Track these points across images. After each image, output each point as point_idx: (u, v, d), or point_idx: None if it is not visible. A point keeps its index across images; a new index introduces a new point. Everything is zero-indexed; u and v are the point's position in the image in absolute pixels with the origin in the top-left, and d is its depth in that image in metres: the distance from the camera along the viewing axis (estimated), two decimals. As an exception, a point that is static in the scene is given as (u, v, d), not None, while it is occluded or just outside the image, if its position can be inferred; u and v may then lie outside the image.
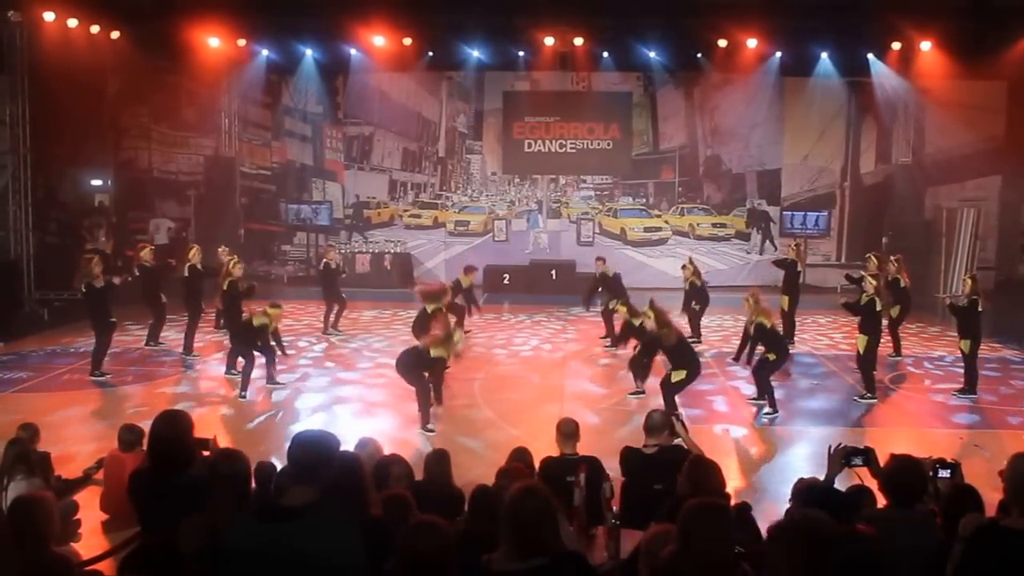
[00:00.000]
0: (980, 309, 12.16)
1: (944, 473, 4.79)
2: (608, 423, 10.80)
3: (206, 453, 4.90)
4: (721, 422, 11.20)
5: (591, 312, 16.72)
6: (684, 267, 16.10)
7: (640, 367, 12.11)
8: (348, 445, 5.30)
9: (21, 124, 17.59)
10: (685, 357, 10.83)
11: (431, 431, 10.35)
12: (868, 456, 4.85)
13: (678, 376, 10.68)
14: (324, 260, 16.89)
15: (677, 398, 10.79)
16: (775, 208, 22.78)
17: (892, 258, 15.22)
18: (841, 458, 4.85)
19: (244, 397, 11.78)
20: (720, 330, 16.69)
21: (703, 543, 3.55)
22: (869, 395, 11.94)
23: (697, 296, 15.63)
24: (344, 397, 12.16)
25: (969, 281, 12.53)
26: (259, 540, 3.56)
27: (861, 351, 12.04)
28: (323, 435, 3.92)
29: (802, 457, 9.67)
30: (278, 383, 12.38)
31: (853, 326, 13.39)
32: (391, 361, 11.29)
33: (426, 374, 10.76)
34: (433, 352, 10.74)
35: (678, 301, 15.61)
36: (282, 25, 19.79)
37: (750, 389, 12.10)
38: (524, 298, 20.20)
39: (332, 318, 16.42)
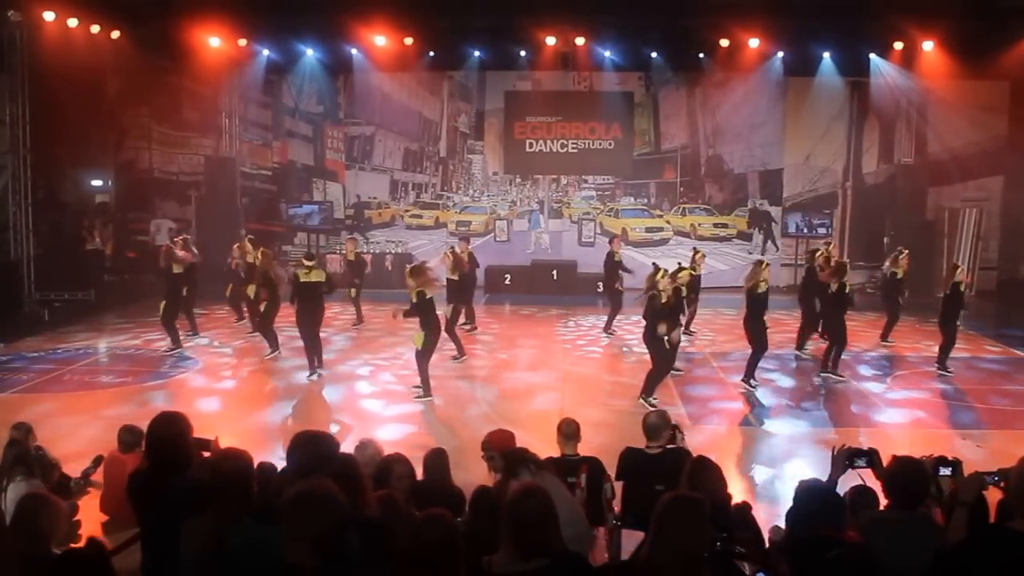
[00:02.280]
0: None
1: (945, 471, 4.75)
2: (610, 422, 10.76)
3: (206, 454, 4.87)
4: (721, 421, 11.18)
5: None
6: (697, 259, 16.00)
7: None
8: (348, 441, 5.28)
9: (21, 124, 17.58)
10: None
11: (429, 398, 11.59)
12: (871, 457, 4.81)
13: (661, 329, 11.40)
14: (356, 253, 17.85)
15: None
16: (777, 208, 22.76)
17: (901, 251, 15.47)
18: (845, 459, 4.82)
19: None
20: (720, 329, 16.67)
21: (676, 536, 3.53)
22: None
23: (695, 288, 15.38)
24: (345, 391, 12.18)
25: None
26: (258, 542, 3.53)
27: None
28: (322, 436, 3.91)
29: (805, 457, 9.64)
30: None
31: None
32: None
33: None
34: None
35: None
36: (283, 25, 19.78)
37: (751, 390, 12.13)
38: (525, 298, 20.19)
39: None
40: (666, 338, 11.52)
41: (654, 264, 12.70)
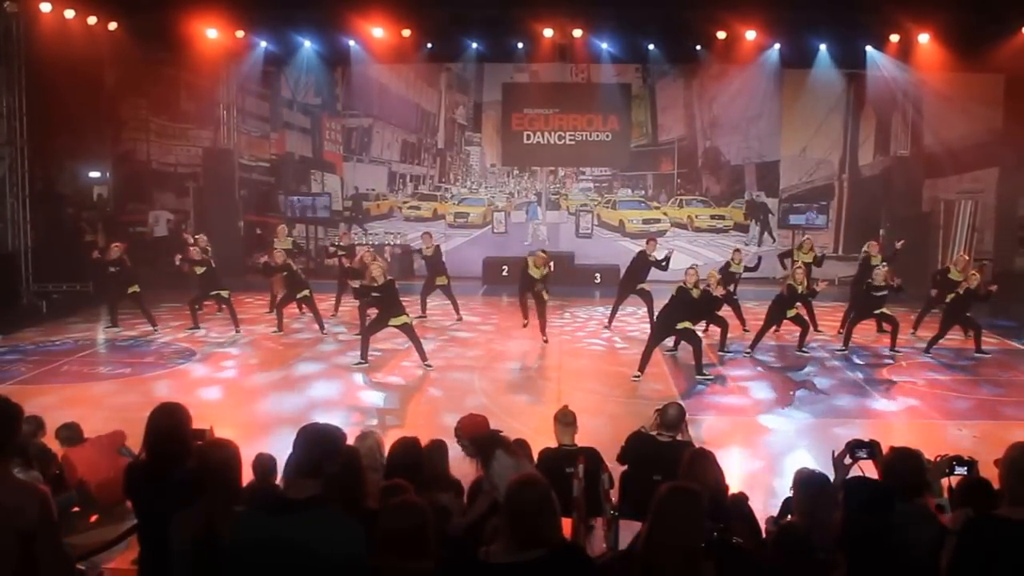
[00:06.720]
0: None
1: (961, 470, 4.76)
2: (606, 412, 10.80)
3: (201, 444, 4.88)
4: (721, 415, 11.22)
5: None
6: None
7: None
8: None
9: (18, 116, 17.55)
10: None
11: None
12: (873, 449, 4.82)
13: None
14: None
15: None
16: (774, 200, 22.79)
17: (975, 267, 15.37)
18: (847, 452, 4.83)
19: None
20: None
21: (674, 528, 3.56)
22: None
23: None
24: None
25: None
26: (263, 533, 3.56)
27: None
28: (329, 429, 3.91)
29: (802, 449, 9.67)
30: None
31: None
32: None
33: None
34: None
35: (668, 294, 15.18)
36: (280, 16, 19.75)
37: (748, 382, 12.17)
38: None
39: None
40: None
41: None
